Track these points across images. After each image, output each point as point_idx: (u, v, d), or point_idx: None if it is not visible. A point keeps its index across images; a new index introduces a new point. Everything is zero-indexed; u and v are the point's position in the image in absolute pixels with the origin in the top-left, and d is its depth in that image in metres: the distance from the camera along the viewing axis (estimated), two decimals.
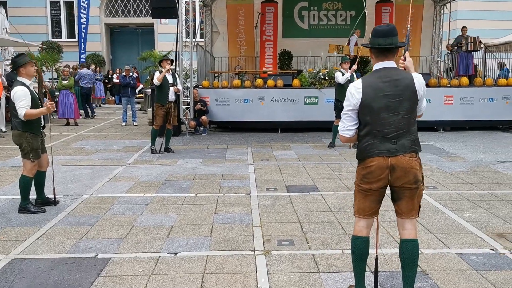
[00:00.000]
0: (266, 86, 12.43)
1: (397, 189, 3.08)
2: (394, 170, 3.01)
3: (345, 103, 3.15)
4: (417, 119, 3.25)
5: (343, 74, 9.42)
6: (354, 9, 16.13)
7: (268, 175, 7.31)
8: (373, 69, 3.15)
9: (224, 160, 8.52)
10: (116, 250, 4.26)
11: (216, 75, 14.99)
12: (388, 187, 3.12)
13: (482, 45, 14.16)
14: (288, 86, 12.45)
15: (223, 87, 12.71)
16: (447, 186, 6.55)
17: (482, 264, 3.91)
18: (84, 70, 16.95)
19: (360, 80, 3.16)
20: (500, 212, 5.35)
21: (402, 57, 3.32)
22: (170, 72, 9.25)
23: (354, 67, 9.41)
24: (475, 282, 3.59)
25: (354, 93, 3.08)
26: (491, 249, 4.24)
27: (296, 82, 12.37)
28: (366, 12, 13.32)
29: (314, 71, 12.63)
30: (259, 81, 12.56)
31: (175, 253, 4.17)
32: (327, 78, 12.13)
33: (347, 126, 3.15)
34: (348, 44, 13.79)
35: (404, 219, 3.15)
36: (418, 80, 3.07)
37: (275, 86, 12.37)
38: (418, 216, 3.18)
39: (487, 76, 13.26)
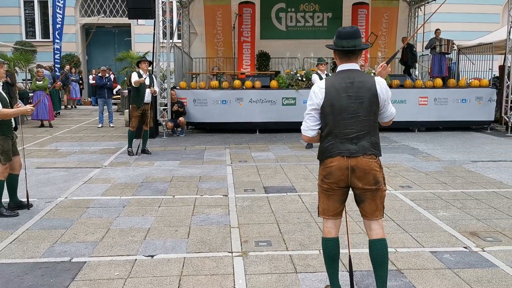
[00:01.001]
0: (244, 87, 12.44)
1: (358, 191, 3.12)
2: (353, 171, 3.05)
3: (308, 103, 3.18)
4: (387, 125, 3.30)
5: (320, 76, 9.49)
6: (331, 11, 16.31)
7: (246, 176, 7.31)
8: (337, 70, 3.20)
9: (202, 162, 8.49)
10: (91, 253, 4.20)
11: (193, 76, 14.93)
12: (351, 189, 3.15)
13: (455, 47, 14.44)
14: (266, 87, 12.48)
15: (201, 88, 12.67)
16: (422, 186, 6.66)
17: (455, 262, 3.99)
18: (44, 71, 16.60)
19: (323, 80, 3.21)
20: (473, 210, 5.46)
21: (381, 65, 3.38)
22: (147, 73, 9.17)
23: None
24: (449, 280, 3.66)
25: (318, 92, 3.11)
26: (464, 247, 4.33)
27: (274, 83, 12.41)
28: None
29: (291, 73, 12.69)
30: (237, 82, 12.56)
31: (152, 256, 4.13)
32: (304, 79, 12.21)
33: (309, 126, 3.18)
34: None
35: (369, 220, 3.18)
36: (380, 85, 3.10)
37: (253, 87, 12.38)
38: (383, 216, 3.23)
39: (466, 79, 13.51)
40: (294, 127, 12.00)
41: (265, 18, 16.29)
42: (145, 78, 8.87)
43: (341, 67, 3.16)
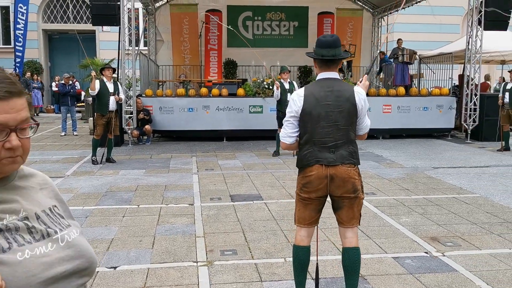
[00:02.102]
0: (210, 95, 12.42)
1: (336, 198, 3.15)
2: (332, 180, 3.08)
3: (287, 110, 3.20)
4: (361, 139, 3.34)
5: (282, 84, 9.45)
6: (297, 20, 16.51)
7: (213, 184, 7.28)
8: (317, 78, 3.23)
9: (168, 170, 8.41)
10: None
11: (160, 83, 14.80)
12: (329, 196, 3.19)
13: (417, 57, 14.86)
14: (233, 95, 12.50)
15: (167, 96, 12.57)
16: (386, 192, 6.80)
17: (416, 267, 4.07)
18: None
19: (303, 88, 3.23)
20: (433, 216, 5.61)
21: (360, 80, 3.44)
22: (111, 80, 9.04)
23: (277, 84, 9.39)
24: (410, 285, 3.73)
25: (296, 100, 3.13)
26: (425, 252, 4.43)
27: (240, 91, 12.45)
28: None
29: (258, 81, 12.76)
30: (204, 90, 12.53)
31: (115, 267, 4.05)
32: (271, 87, 12.29)
33: (288, 133, 3.20)
34: None
35: (345, 228, 3.22)
36: (359, 95, 3.15)
37: (220, 95, 12.38)
38: (359, 224, 3.27)
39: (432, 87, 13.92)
40: (261, 135, 12.12)
41: (232, 26, 16.31)
42: (95, 79, 8.72)
43: (320, 75, 3.19)
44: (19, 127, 1.14)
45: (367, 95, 11.81)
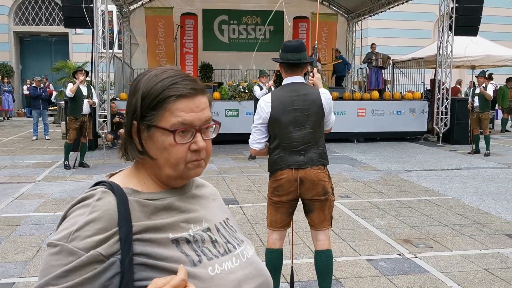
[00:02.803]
0: None
1: (307, 201, 3.17)
2: (302, 183, 3.10)
3: (255, 117, 3.20)
4: (327, 132, 3.38)
5: (261, 88, 9.60)
6: (273, 24, 16.56)
7: None
8: (282, 83, 3.24)
9: None
10: (21, 274, 3.98)
11: None
12: (300, 199, 3.20)
13: (390, 62, 15.10)
14: None
15: None
16: (360, 195, 6.87)
17: (390, 269, 4.12)
18: None
19: (269, 94, 3.24)
20: (406, 218, 5.69)
21: (311, 74, 3.44)
22: (85, 84, 8.90)
23: (271, 83, 9.61)
24: (383, 286, 3.77)
25: (264, 106, 3.14)
26: (398, 254, 4.49)
27: (216, 94, 12.42)
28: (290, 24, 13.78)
29: (234, 84, 12.76)
30: None
31: None
32: (247, 91, 12.30)
33: (256, 139, 3.20)
34: None
35: (317, 231, 3.23)
36: (325, 96, 3.19)
37: None
38: (331, 227, 3.29)
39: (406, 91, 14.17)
40: (237, 139, 12.10)
41: (207, 30, 16.33)
42: (79, 83, 8.55)
43: (286, 80, 3.21)
44: (203, 127, 1.06)
45: (342, 99, 11.91)
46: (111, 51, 12.02)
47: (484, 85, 10.56)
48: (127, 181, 1.08)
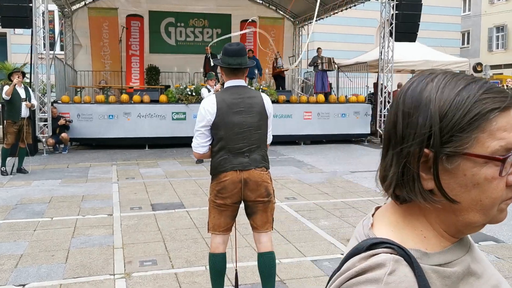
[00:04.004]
0: (132, 101, 12.11)
1: (250, 203, 3.19)
2: (246, 184, 3.11)
3: (198, 119, 3.17)
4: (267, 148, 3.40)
5: (209, 91, 9.58)
6: (220, 27, 16.59)
7: (133, 193, 7.08)
8: (225, 86, 3.25)
9: (86, 180, 8.06)
10: None
11: (78, 90, 14.20)
12: (242, 202, 3.21)
13: (335, 65, 15.49)
14: (155, 101, 12.28)
15: (86, 102, 12.08)
16: (306, 197, 6.98)
17: (333, 269, 4.20)
18: None
19: (213, 96, 3.22)
20: (350, 218, 5.84)
21: (217, 86, 3.50)
22: (22, 85, 8.52)
23: (219, 86, 9.62)
24: None
25: (209, 108, 3.12)
26: (342, 254, 4.57)
27: (163, 97, 12.26)
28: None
29: (181, 87, 12.64)
30: (125, 97, 12.19)
31: (23, 285, 3.80)
32: (194, 94, 12.23)
33: (200, 143, 3.18)
34: None
35: (259, 233, 3.26)
36: (267, 100, 3.25)
37: (142, 102, 12.11)
38: (273, 229, 3.33)
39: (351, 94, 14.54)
40: (184, 142, 11.98)
41: (154, 32, 16.10)
42: (15, 84, 8.17)
43: (228, 83, 3.21)
44: None
45: (289, 102, 12.09)
46: (52, 52, 11.59)
47: None
48: (400, 234, 0.80)
